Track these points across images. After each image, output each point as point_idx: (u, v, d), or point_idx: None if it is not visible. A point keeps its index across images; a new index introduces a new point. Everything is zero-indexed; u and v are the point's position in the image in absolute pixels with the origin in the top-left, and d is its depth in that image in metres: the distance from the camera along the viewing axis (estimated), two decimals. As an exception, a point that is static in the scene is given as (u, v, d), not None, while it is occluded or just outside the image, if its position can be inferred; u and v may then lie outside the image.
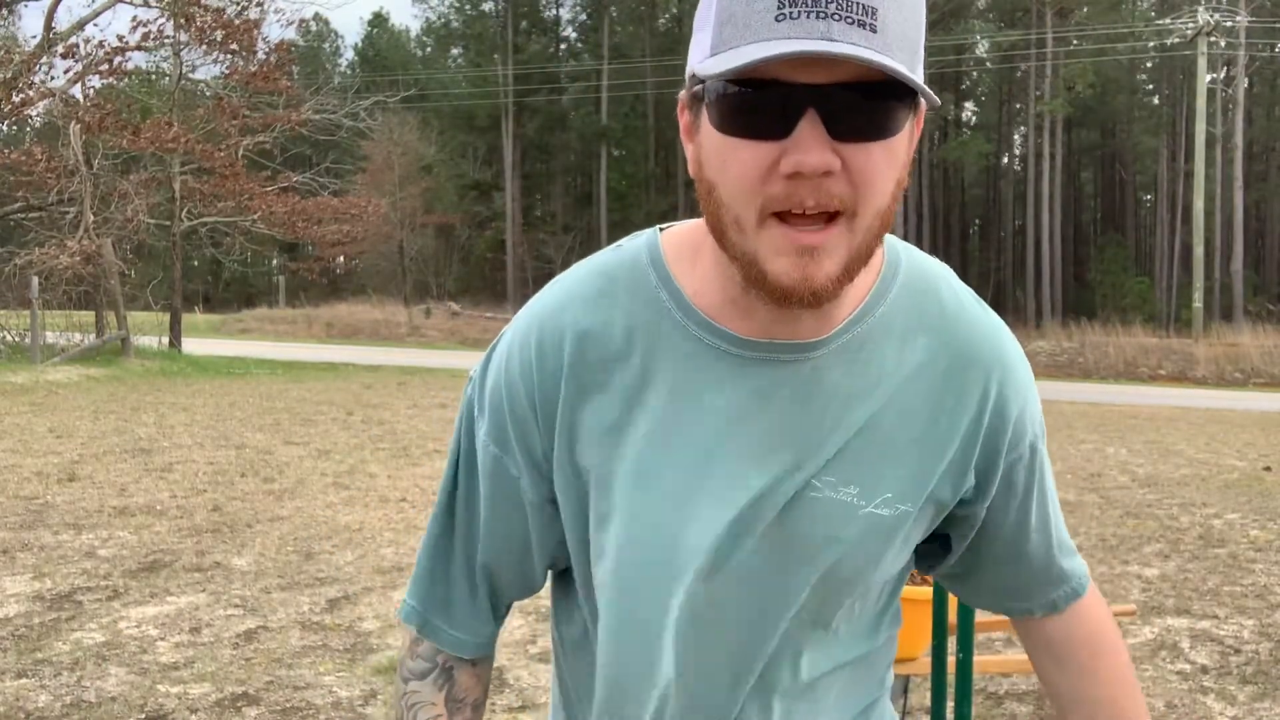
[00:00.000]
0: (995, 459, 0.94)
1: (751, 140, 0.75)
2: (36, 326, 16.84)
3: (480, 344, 31.62)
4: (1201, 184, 30.00)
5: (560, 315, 0.91)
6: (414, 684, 1.01)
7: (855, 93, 0.73)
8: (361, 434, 10.38)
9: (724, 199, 0.78)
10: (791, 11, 0.72)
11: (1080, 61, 43.12)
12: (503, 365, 0.94)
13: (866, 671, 1.02)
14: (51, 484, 7.28)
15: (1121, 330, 28.71)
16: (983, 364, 0.92)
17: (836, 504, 0.89)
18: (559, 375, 0.90)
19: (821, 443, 0.88)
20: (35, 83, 18.42)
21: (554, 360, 0.90)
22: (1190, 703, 3.74)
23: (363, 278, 46.11)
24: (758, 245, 0.78)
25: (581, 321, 0.90)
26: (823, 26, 0.71)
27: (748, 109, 0.75)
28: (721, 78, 0.74)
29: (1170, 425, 13.23)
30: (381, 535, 6.04)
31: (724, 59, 0.74)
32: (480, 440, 0.95)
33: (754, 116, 0.75)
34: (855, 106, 0.74)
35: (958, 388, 0.91)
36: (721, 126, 0.77)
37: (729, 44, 0.74)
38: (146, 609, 4.55)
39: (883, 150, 0.76)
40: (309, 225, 24.44)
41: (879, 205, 0.77)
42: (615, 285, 0.91)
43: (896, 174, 0.78)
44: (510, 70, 49.83)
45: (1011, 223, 51.96)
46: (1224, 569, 5.66)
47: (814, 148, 0.73)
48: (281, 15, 52.67)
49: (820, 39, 0.71)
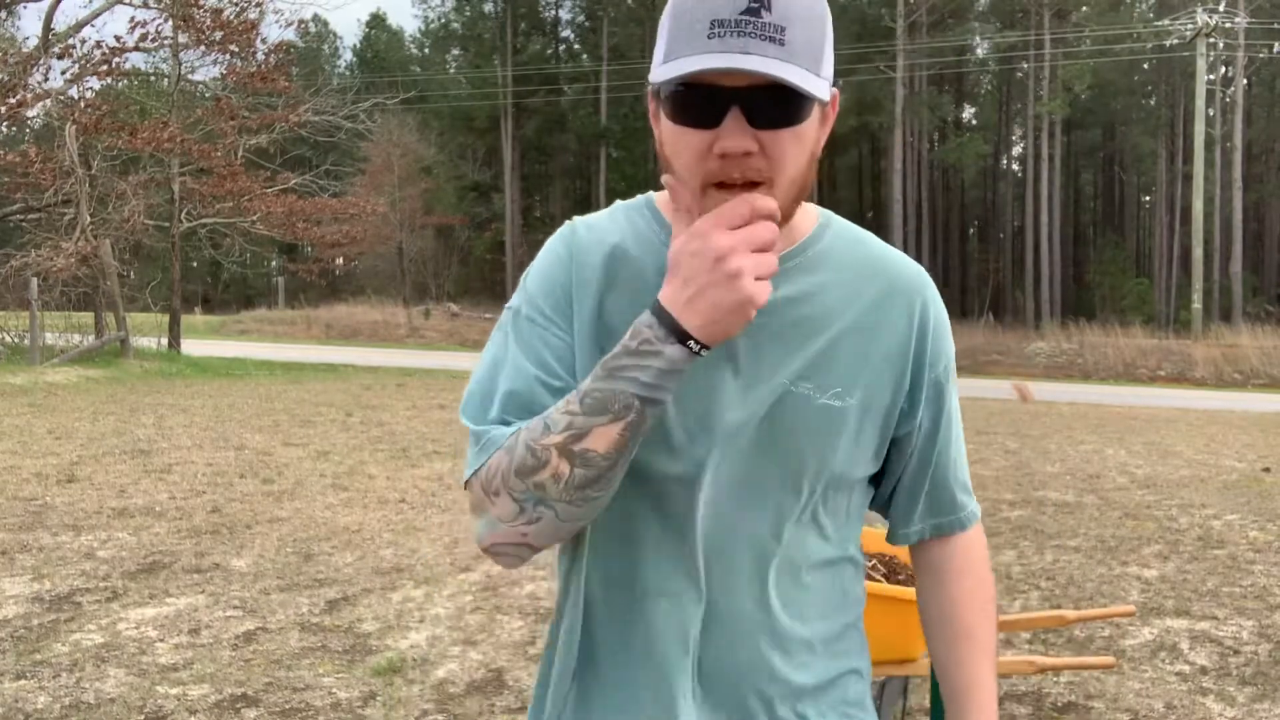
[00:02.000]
0: (920, 373, 1.15)
1: (692, 129, 0.98)
2: (35, 328, 16.83)
3: (480, 344, 31.47)
4: (1200, 185, 30.01)
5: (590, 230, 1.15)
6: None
7: (767, 92, 0.95)
8: (361, 435, 10.38)
9: (677, 171, 1.01)
10: (720, 31, 0.94)
11: (1079, 63, 43.13)
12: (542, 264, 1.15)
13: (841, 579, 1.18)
14: (50, 485, 7.27)
15: (1120, 331, 28.74)
16: (909, 292, 1.15)
17: (799, 397, 1.09)
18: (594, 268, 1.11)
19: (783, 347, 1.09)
20: (32, 84, 18.40)
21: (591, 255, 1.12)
22: (1190, 704, 3.74)
23: (362, 279, 46.09)
24: (703, 207, 0.99)
25: (605, 237, 1.14)
26: (742, 43, 0.93)
27: (689, 105, 0.97)
28: (668, 83, 0.97)
29: (1169, 426, 13.24)
30: (380, 536, 6.03)
31: (671, 67, 0.96)
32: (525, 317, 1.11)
33: (693, 111, 0.97)
34: (768, 102, 0.95)
35: (890, 308, 1.13)
36: (671, 117, 1.00)
37: (675, 54, 0.96)
38: (146, 610, 4.55)
39: (792, 134, 0.98)
40: (308, 226, 24.43)
41: (792, 174, 1.00)
42: (622, 218, 1.16)
43: (807, 150, 1.01)
44: (509, 71, 49.84)
45: (1010, 224, 51.97)
46: (1223, 570, 5.66)
47: (737, 135, 0.96)
48: (280, 16, 52.60)
49: (739, 53, 0.93)
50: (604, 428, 0.98)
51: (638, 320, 0.99)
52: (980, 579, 1.23)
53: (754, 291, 0.93)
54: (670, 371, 0.97)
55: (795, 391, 1.08)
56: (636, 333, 0.98)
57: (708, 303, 0.94)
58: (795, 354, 1.09)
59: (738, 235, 0.94)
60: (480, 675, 3.88)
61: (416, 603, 4.77)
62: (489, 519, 1.04)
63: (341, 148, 33.90)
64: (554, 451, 0.99)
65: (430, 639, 4.26)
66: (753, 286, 0.93)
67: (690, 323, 0.95)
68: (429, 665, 3.96)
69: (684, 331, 0.95)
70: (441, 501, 7.11)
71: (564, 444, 0.99)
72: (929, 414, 1.17)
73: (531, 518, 1.02)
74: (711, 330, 0.95)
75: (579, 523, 1.04)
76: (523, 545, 1.05)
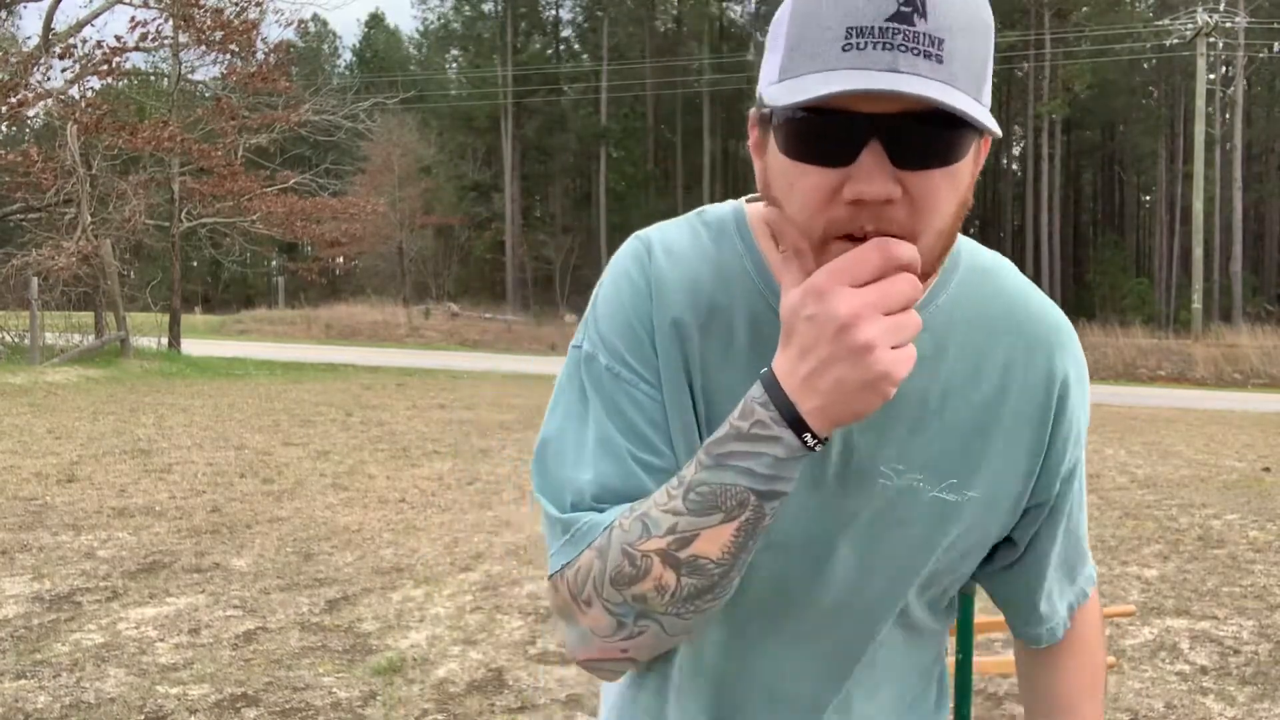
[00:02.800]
0: (1058, 455, 0.97)
1: (816, 166, 0.77)
2: (36, 327, 16.84)
3: (480, 344, 31.62)
4: (1200, 185, 30.01)
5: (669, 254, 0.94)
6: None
7: (918, 122, 0.74)
8: (360, 435, 10.38)
9: (791, 218, 0.80)
10: (859, 42, 0.73)
11: (1079, 63, 43.15)
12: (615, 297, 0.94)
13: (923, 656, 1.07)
14: (50, 485, 7.27)
15: (1120, 331, 28.73)
16: (1049, 353, 0.95)
17: (905, 490, 0.92)
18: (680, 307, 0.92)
19: (886, 427, 0.91)
20: (32, 83, 18.40)
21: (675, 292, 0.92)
22: (1190, 703, 3.74)
23: (362, 279, 46.11)
24: (821, 263, 0.78)
25: (689, 266, 0.93)
26: (889, 58, 0.73)
27: (813, 136, 0.77)
28: (785, 108, 0.76)
29: (1169, 426, 13.24)
30: (380, 536, 6.03)
31: (790, 87, 0.76)
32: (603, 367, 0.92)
33: (818, 144, 0.77)
34: (918, 136, 0.75)
35: (1023, 374, 0.94)
36: (787, 151, 0.79)
37: (796, 71, 0.76)
38: (146, 610, 4.55)
39: (944, 176, 0.78)
40: (308, 225, 24.45)
41: (939, 227, 0.79)
42: (706, 239, 0.95)
43: (959, 197, 0.80)
44: (509, 71, 49.85)
45: (1011, 223, 52.00)
46: (1223, 570, 5.66)
47: (876, 177, 0.75)
48: (280, 15, 52.66)
49: (886, 70, 0.73)
50: (714, 529, 0.81)
51: (749, 395, 0.81)
52: (1095, 651, 1.09)
53: (891, 365, 0.74)
54: (792, 459, 0.79)
55: (900, 485, 0.92)
56: (748, 411, 0.80)
57: (830, 381, 0.75)
58: (903, 437, 0.92)
59: (868, 295, 0.74)
60: (480, 675, 3.88)
61: (416, 602, 4.77)
62: (581, 631, 0.88)
63: (341, 147, 33.91)
64: (656, 560, 0.82)
65: (430, 639, 4.26)
66: (889, 359, 0.74)
67: (808, 404, 0.77)
68: (429, 665, 3.96)
69: (800, 417, 0.78)
70: (441, 501, 7.11)
71: (668, 550, 0.82)
72: (1062, 488, 1.00)
73: (632, 632, 0.86)
74: (835, 413, 0.77)
75: (689, 636, 0.88)
76: (623, 660, 0.89)
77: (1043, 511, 1.00)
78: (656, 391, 0.91)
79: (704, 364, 0.91)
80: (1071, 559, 1.06)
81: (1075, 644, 1.08)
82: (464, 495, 7.32)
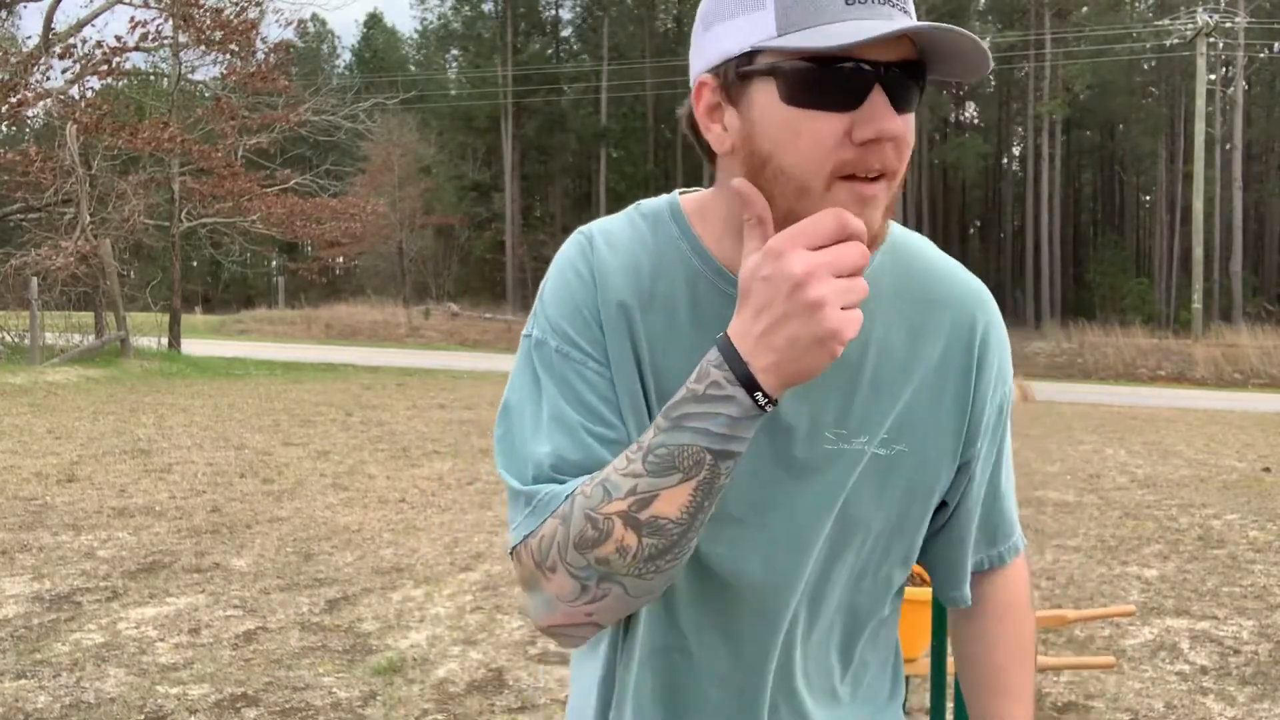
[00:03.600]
0: (981, 409, 1.03)
1: (825, 111, 0.83)
2: (36, 327, 16.83)
3: (480, 344, 31.62)
4: (1200, 185, 30.01)
5: (610, 243, 0.99)
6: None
7: (905, 70, 0.84)
8: (360, 435, 10.38)
9: (785, 167, 0.85)
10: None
11: (1079, 63, 43.14)
12: (561, 287, 0.98)
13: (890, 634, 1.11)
14: (50, 485, 7.27)
15: (1120, 331, 28.74)
16: (968, 318, 1.02)
17: (847, 453, 0.97)
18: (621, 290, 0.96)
19: (825, 394, 0.96)
20: (32, 83, 18.40)
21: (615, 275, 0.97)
22: (1190, 703, 3.74)
23: (362, 279, 46.14)
24: (822, 205, 0.84)
25: (629, 251, 0.98)
26: (887, 10, 0.83)
27: (825, 84, 0.83)
28: (807, 54, 0.82)
29: (1169, 426, 13.24)
30: (380, 536, 6.04)
31: (805, 37, 0.82)
32: (553, 349, 0.96)
33: (827, 91, 0.83)
34: (905, 82, 0.84)
35: (945, 340, 1.00)
36: (794, 100, 0.84)
37: (803, 23, 0.83)
38: (146, 610, 4.55)
39: (912, 121, 0.87)
40: (308, 225, 24.45)
41: (904, 167, 0.88)
42: (645, 227, 1.00)
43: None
44: (509, 71, 49.84)
45: (1011, 223, 51.99)
46: (1223, 570, 5.66)
47: (889, 117, 0.83)
48: (280, 15, 52.69)
49: (890, 20, 0.82)
50: (673, 490, 0.84)
51: (704, 359, 0.84)
52: (1021, 618, 1.12)
53: (840, 324, 0.79)
54: (746, 419, 0.82)
55: (845, 448, 0.97)
56: (703, 374, 0.83)
57: (784, 338, 0.80)
58: (836, 400, 0.96)
59: (821, 256, 0.79)
60: (480, 675, 3.88)
61: (416, 602, 4.77)
62: (545, 597, 0.90)
63: (341, 147, 33.94)
64: (617, 521, 0.85)
65: (430, 638, 4.27)
66: (839, 318, 0.79)
67: (762, 361, 0.81)
68: (429, 665, 3.96)
69: (753, 377, 0.81)
70: (441, 501, 7.11)
71: (628, 511, 0.84)
72: (986, 444, 1.05)
73: (596, 595, 0.87)
74: (788, 371, 0.81)
75: (651, 596, 0.90)
76: (587, 624, 0.91)
77: (969, 470, 1.04)
78: (605, 369, 0.94)
79: (650, 343, 0.95)
80: (994, 523, 1.10)
81: (1004, 612, 1.12)
82: (464, 495, 7.32)
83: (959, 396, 1.01)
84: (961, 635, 1.14)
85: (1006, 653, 1.11)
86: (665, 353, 0.95)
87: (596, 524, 0.85)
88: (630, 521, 0.84)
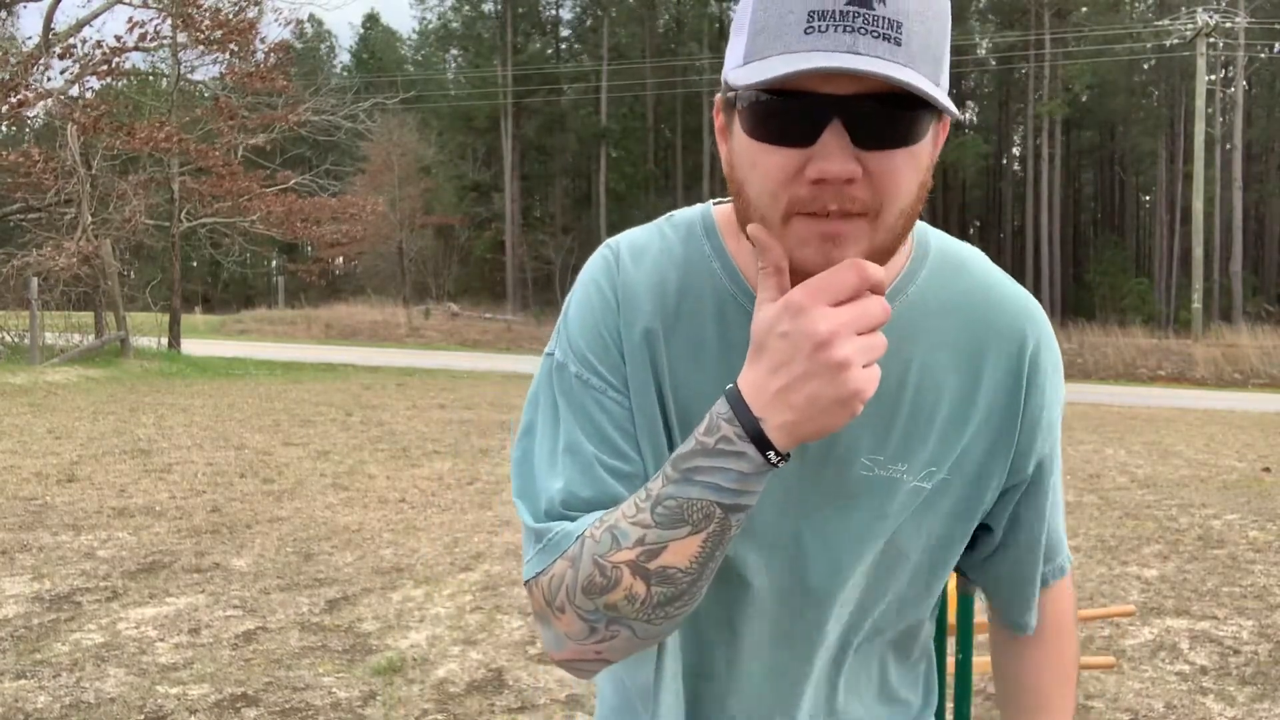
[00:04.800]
0: (1032, 432, 0.99)
1: (779, 146, 0.79)
2: (36, 327, 16.83)
3: (480, 344, 31.62)
4: (1200, 185, 30.01)
5: (636, 260, 0.96)
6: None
7: (878, 103, 0.77)
8: (360, 435, 10.38)
9: (751, 198, 0.83)
10: (820, 25, 0.75)
11: (1079, 63, 43.13)
12: (584, 307, 0.96)
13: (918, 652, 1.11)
14: (50, 485, 7.27)
15: (1120, 331, 28.73)
16: (1018, 337, 0.97)
17: (886, 481, 0.94)
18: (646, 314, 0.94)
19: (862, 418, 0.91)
20: (32, 83, 18.40)
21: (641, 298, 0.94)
22: (1189, 703, 3.74)
23: (362, 279, 46.13)
24: (784, 240, 0.81)
25: (656, 269, 0.95)
26: (849, 40, 0.75)
27: (776, 117, 0.79)
28: (750, 88, 0.78)
29: (1169, 426, 13.24)
30: (381, 536, 6.04)
31: (755, 69, 0.78)
32: (573, 375, 0.95)
33: (781, 124, 0.79)
34: (878, 116, 0.77)
35: (993, 361, 0.96)
36: (751, 132, 0.81)
37: (760, 54, 0.78)
38: (145, 610, 4.55)
39: (905, 156, 0.80)
40: (307, 225, 24.45)
41: (901, 206, 0.82)
42: (675, 241, 0.97)
43: (919, 177, 0.82)
44: (509, 71, 49.83)
45: (1011, 223, 51.99)
46: (1223, 570, 5.66)
47: (837, 156, 0.77)
48: (279, 15, 52.72)
49: (846, 52, 0.75)
50: (682, 541, 0.83)
51: (714, 410, 0.82)
52: (1066, 640, 1.10)
53: (864, 383, 0.77)
54: (757, 474, 0.81)
55: (881, 475, 0.94)
56: (713, 427, 0.81)
57: (804, 397, 0.77)
58: (879, 427, 0.94)
59: (844, 314, 0.77)
60: (480, 675, 3.88)
61: (416, 602, 4.77)
62: (555, 634, 0.90)
63: (341, 147, 33.93)
64: (625, 570, 0.84)
65: (430, 638, 4.27)
66: (862, 378, 0.76)
67: (777, 418, 0.78)
68: (429, 665, 3.96)
69: (764, 433, 0.79)
70: (441, 501, 7.11)
71: (637, 561, 0.84)
72: (1036, 466, 1.02)
73: (605, 636, 0.88)
74: (805, 429, 0.79)
75: (661, 637, 0.90)
76: (597, 661, 0.91)
77: (1018, 493, 1.01)
78: (625, 398, 0.93)
79: (672, 369, 0.93)
80: (1053, 545, 1.08)
81: (1048, 634, 1.09)
82: (464, 495, 7.32)
83: (1007, 419, 0.97)
84: (1004, 655, 1.12)
85: (1051, 676, 1.09)
86: (690, 377, 0.93)
87: (605, 571, 0.85)
88: (639, 570, 0.84)
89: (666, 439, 0.93)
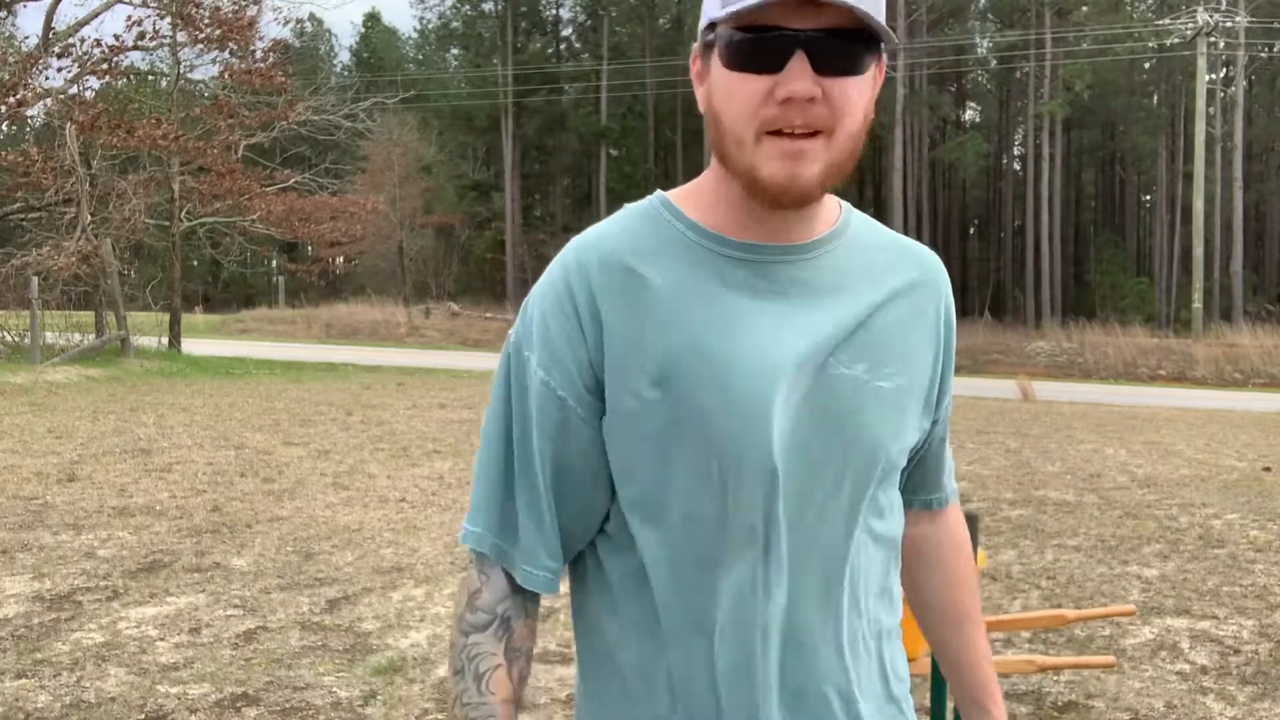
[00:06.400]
0: (947, 360, 1.16)
1: (752, 74, 0.96)
2: (36, 327, 16.83)
3: (480, 344, 31.61)
4: (1201, 184, 30.01)
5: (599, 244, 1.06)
6: (475, 636, 1.06)
7: (834, 37, 0.94)
8: (361, 434, 10.38)
9: (727, 124, 0.99)
10: None
11: (1079, 62, 43.10)
12: (548, 295, 1.06)
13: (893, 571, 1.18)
14: (51, 484, 7.27)
15: (1121, 331, 28.73)
16: (936, 281, 1.15)
17: (852, 381, 1.05)
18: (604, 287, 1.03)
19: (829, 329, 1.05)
20: (32, 83, 18.39)
21: (598, 276, 1.04)
22: (1190, 703, 3.74)
23: (362, 278, 46.09)
24: (754, 157, 0.97)
25: (616, 246, 1.05)
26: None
27: (750, 49, 0.96)
28: (729, 21, 0.96)
29: (1170, 426, 13.24)
30: (381, 535, 6.04)
31: (733, 6, 0.95)
32: (532, 370, 1.05)
33: (754, 55, 0.96)
34: (834, 48, 0.95)
35: (922, 296, 1.13)
36: (729, 64, 0.97)
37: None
38: (146, 609, 4.55)
39: (854, 84, 0.97)
40: (307, 224, 24.43)
41: (851, 128, 0.98)
42: (633, 222, 1.08)
43: (864, 104, 0.99)
44: (510, 71, 49.80)
45: (1011, 223, 51.95)
46: (1223, 569, 5.67)
47: (801, 79, 0.94)
48: (279, 13, 52.71)
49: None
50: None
51: None
52: (968, 554, 1.27)
53: None
54: None
55: (847, 374, 1.05)
56: None
57: None
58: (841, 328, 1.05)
59: None
60: (480, 674, 3.87)
61: (417, 602, 4.77)
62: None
63: (341, 146, 33.91)
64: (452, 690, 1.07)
65: (431, 638, 4.27)
66: None
67: None
68: (429, 664, 3.97)
69: None
70: (442, 501, 7.11)
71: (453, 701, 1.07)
72: (948, 399, 1.20)
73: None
74: None
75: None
76: None
77: (941, 409, 1.19)
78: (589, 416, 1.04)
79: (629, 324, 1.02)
80: (946, 466, 1.26)
81: (954, 549, 1.26)
82: (464, 494, 7.32)
83: (935, 348, 1.13)
84: (919, 577, 1.26)
85: (963, 587, 1.25)
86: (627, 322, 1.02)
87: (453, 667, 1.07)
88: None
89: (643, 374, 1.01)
